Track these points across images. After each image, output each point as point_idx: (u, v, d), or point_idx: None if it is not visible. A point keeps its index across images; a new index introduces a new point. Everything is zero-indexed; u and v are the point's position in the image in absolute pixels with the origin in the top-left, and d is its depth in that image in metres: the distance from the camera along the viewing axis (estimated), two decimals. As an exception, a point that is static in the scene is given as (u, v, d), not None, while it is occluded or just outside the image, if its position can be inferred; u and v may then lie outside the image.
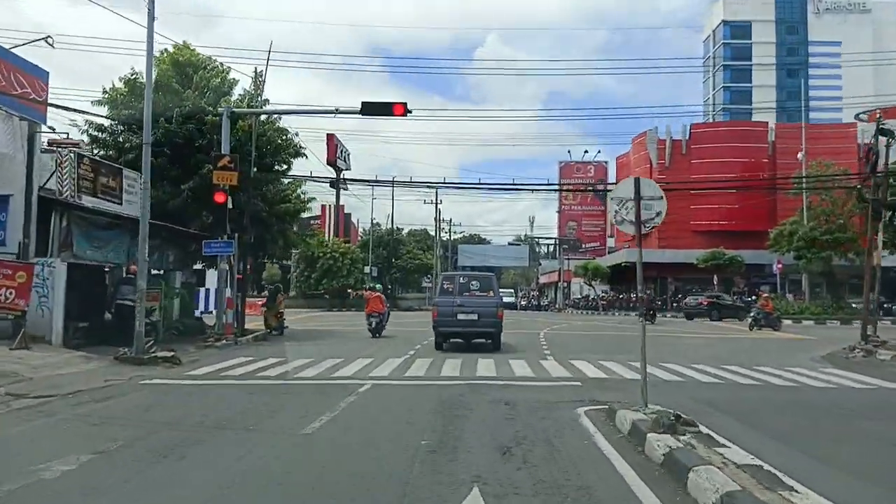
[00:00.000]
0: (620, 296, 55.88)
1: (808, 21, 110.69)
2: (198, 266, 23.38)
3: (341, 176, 54.15)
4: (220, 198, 17.69)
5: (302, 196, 22.63)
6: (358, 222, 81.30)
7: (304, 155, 22.62)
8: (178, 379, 11.63)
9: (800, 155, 39.98)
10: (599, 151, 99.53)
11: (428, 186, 47.43)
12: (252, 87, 20.66)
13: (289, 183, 22.51)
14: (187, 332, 18.44)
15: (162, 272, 19.16)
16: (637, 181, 7.57)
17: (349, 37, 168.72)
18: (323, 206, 69.28)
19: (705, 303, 39.64)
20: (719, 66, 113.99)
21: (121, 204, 16.19)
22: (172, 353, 13.53)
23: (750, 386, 11.39)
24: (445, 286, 18.00)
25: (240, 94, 21.23)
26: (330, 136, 55.11)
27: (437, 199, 67.15)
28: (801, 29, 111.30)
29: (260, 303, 41.06)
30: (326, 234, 60.13)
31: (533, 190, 51.98)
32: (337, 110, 18.14)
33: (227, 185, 17.82)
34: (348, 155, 57.82)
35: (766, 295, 29.97)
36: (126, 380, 11.44)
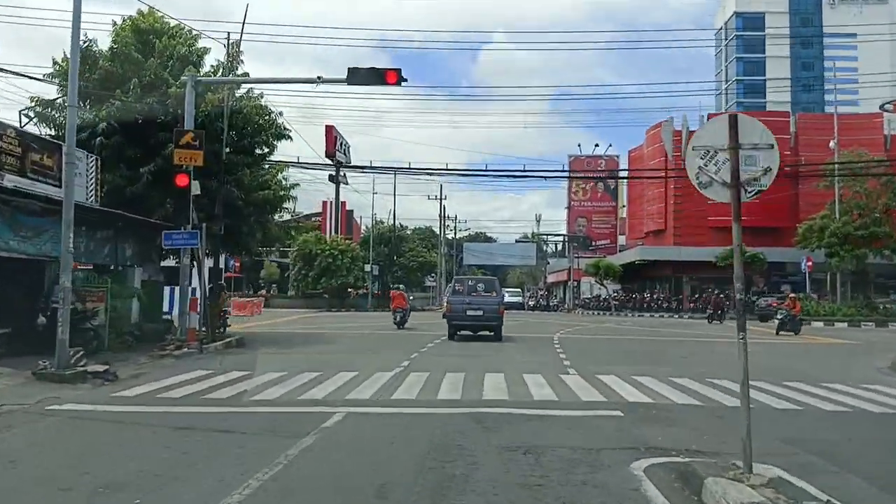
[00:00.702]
0: (633, 295, 53.03)
1: (822, 12, 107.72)
2: (171, 262, 20.78)
3: (340, 169, 51.79)
4: (181, 180, 15.14)
5: (283, 181, 19.91)
6: (361, 220, 78.64)
7: (289, 137, 20.01)
8: (100, 403, 9.01)
9: (832, 143, 37.09)
10: (611, 145, 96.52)
11: (428, 174, 44.79)
12: (226, 59, 18.01)
13: (269, 168, 19.82)
14: (146, 339, 15.82)
15: (119, 268, 16.54)
16: (734, 119, 4.92)
17: (354, 33, 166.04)
18: (324, 203, 66.77)
19: (776, 304, 36.29)
20: (732, 58, 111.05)
21: (59, 186, 13.54)
22: (106, 367, 10.93)
23: (842, 415, 8.69)
24: (457, 288, 21.70)
25: (212, 66, 18.59)
26: (329, 128, 52.64)
27: (441, 194, 64.72)
28: (816, 20, 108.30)
29: (248, 301, 38.75)
30: (327, 231, 57.51)
31: (546, 177, 49.13)
32: (319, 78, 15.57)
33: (190, 167, 15.27)
34: (348, 148, 55.23)
35: (792, 295, 27.00)
36: (32, 403, 8.87)
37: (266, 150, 19.85)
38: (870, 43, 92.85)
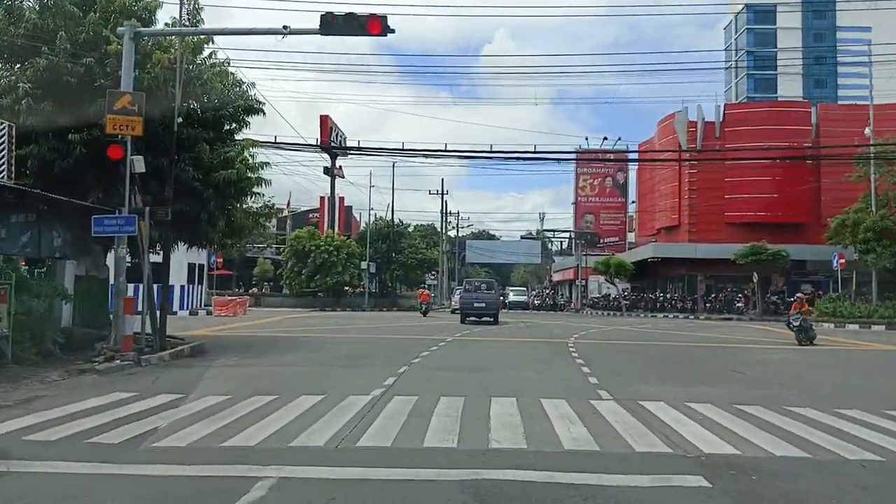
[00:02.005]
0: (644, 295, 50.08)
1: (836, 4, 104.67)
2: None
3: (334, 158, 49.07)
4: (115, 153, 12.34)
5: (249, 159, 16.94)
6: (360, 217, 75.73)
7: (262, 111, 17.11)
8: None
9: (867, 130, 34.08)
10: (620, 139, 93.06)
11: (424, 155, 42.02)
12: (181, 13, 15.05)
13: (233, 144, 16.91)
14: (78, 346, 12.99)
15: (47, 261, 13.70)
16: None
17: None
18: (322, 198, 64.03)
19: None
20: (742, 52, 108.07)
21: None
22: (-23, 393, 8.09)
23: None
24: (466, 287, 31.27)
25: (166, 24, 15.65)
26: (324, 118, 49.83)
27: (442, 188, 62.05)
28: (830, 13, 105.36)
29: (231, 300, 35.90)
30: (324, 227, 54.63)
31: (559, 160, 46.27)
32: (286, 28, 12.68)
33: (127, 137, 12.42)
34: (345, 139, 52.23)
35: (800, 295, 22.81)
36: None
37: (234, 125, 16.98)
38: (885, 35, 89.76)
